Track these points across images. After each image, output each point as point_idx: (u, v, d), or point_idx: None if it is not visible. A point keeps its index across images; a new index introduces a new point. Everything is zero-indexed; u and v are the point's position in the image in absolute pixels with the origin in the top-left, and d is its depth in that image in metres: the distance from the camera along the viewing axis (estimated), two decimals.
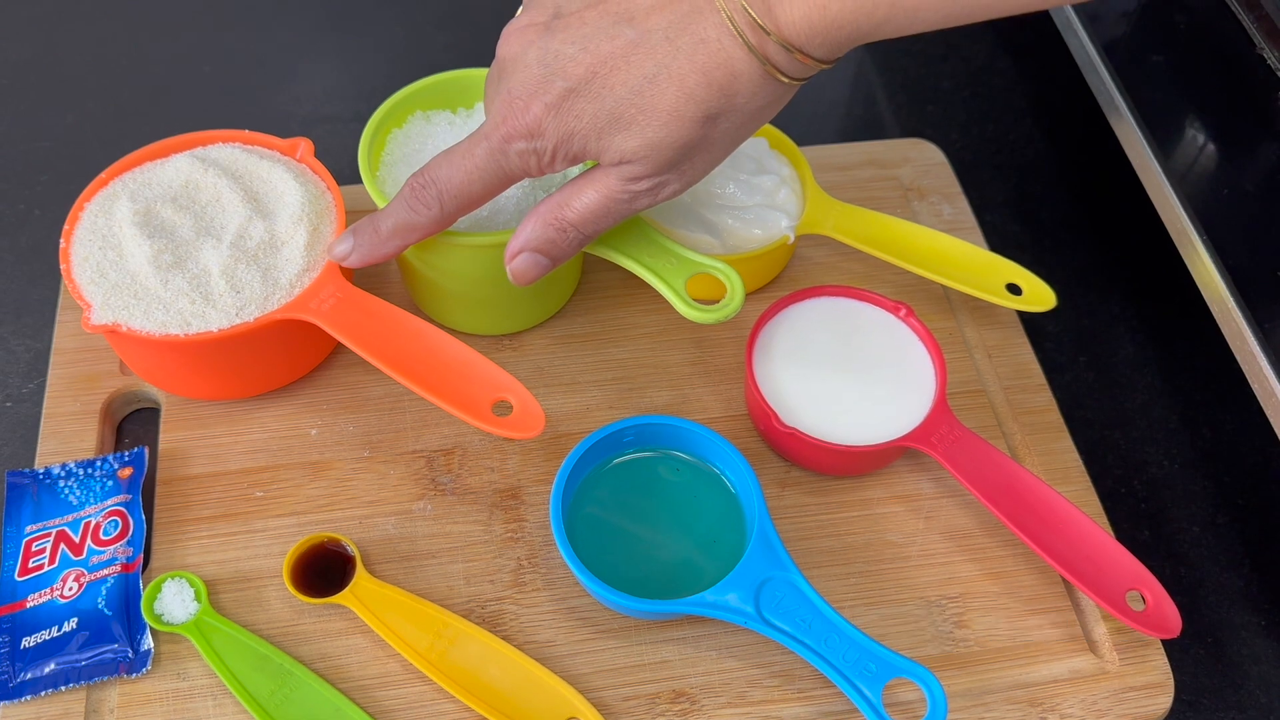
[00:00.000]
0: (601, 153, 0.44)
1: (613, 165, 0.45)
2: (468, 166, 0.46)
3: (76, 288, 0.51)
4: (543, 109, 0.44)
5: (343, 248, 0.51)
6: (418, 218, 0.48)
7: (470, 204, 0.48)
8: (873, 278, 0.62)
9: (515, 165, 0.46)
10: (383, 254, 0.50)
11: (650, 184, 0.45)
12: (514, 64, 0.45)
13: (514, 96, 0.44)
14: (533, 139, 0.44)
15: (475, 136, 0.46)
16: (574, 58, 0.43)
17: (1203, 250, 0.54)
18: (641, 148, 0.43)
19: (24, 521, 0.51)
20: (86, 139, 0.70)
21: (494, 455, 0.55)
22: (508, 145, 0.45)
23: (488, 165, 0.46)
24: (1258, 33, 0.59)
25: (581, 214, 0.46)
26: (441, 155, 0.47)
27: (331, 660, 0.48)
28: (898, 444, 0.52)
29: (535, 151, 0.45)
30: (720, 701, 0.48)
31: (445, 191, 0.47)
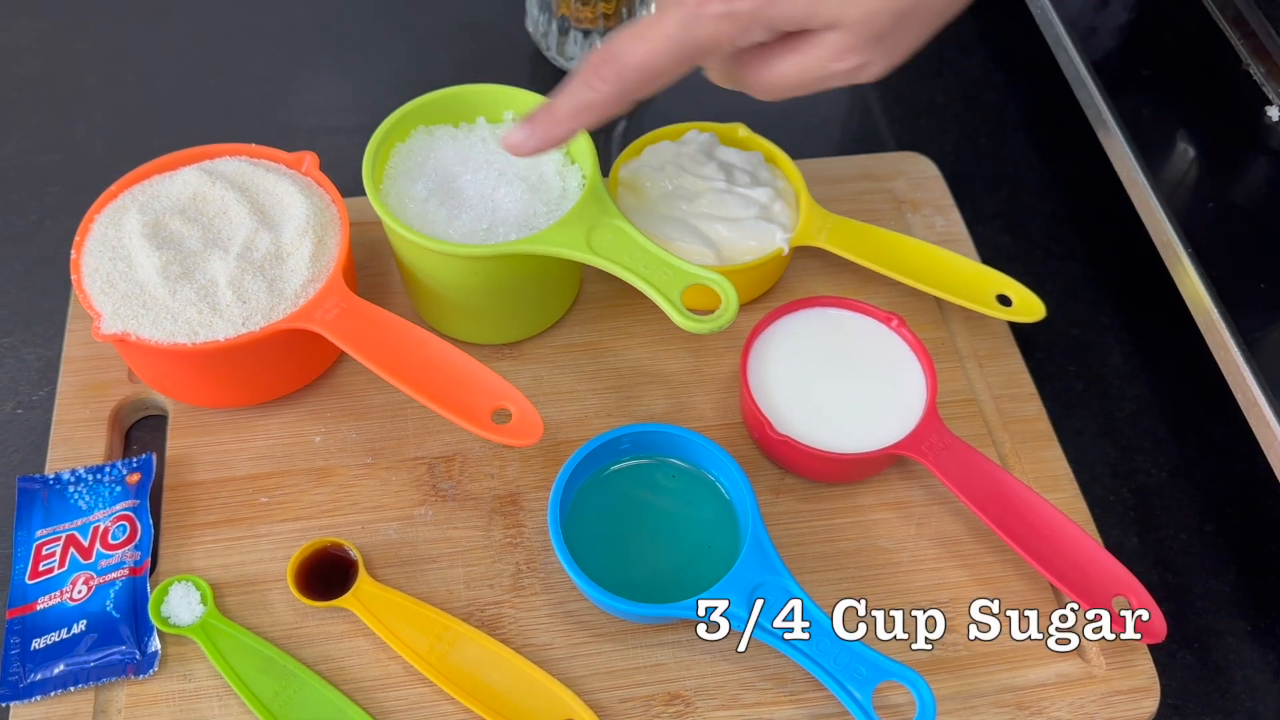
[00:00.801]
0: (810, 18, 0.41)
1: (817, 34, 0.42)
2: (654, 37, 0.43)
3: (87, 297, 0.52)
4: None
5: (519, 134, 0.48)
6: (595, 95, 0.45)
7: (653, 80, 0.44)
8: (866, 289, 0.63)
9: (707, 34, 0.42)
10: (558, 136, 0.47)
11: (854, 62, 0.42)
12: None
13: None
14: (732, 1, 0.41)
15: (665, 5, 0.43)
16: None
17: (1188, 263, 0.55)
18: (855, 12, 0.41)
19: (34, 526, 0.52)
20: (95, 151, 0.71)
21: (494, 462, 0.56)
22: (702, 9, 0.42)
23: (677, 35, 0.42)
24: (1244, 49, 0.60)
25: (776, 82, 0.44)
26: (625, 28, 0.44)
27: (334, 662, 0.49)
28: (889, 452, 0.53)
29: (732, 15, 0.41)
30: (714, 704, 0.49)
31: (628, 65, 0.44)
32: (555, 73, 0.77)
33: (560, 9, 0.73)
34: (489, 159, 0.57)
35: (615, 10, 0.72)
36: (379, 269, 0.63)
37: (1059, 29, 0.67)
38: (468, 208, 0.55)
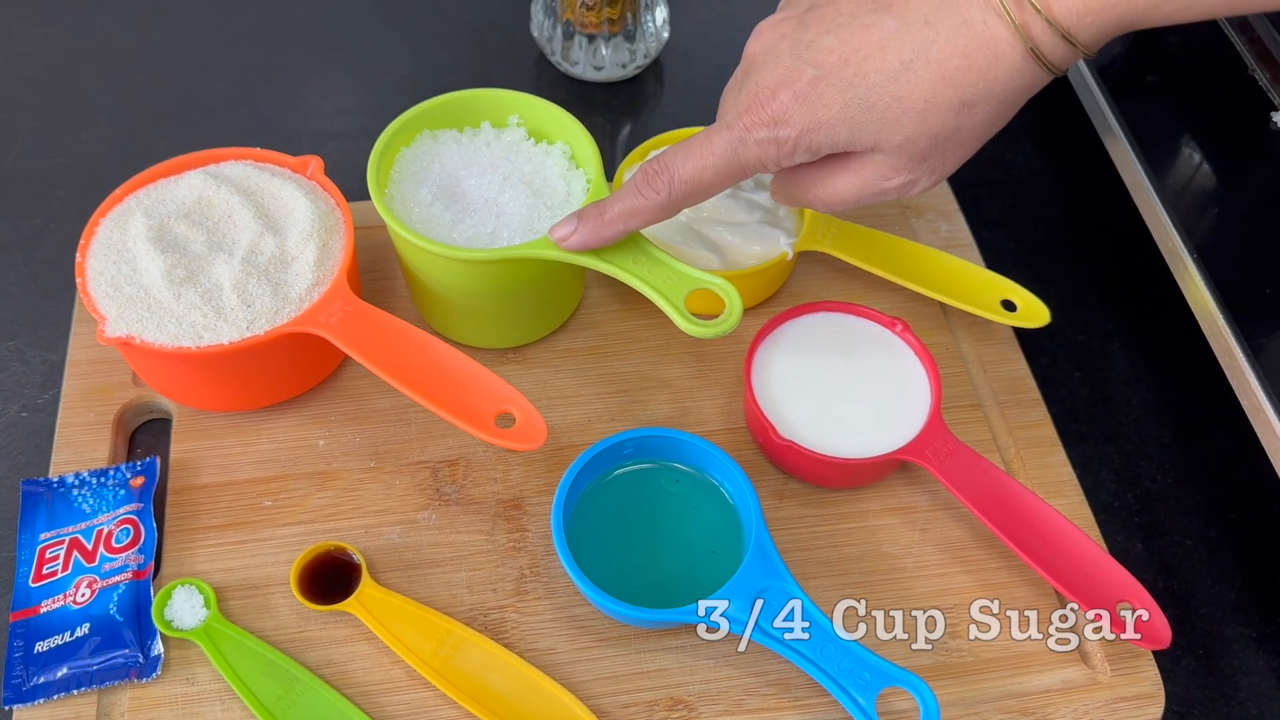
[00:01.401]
0: (850, 144, 0.44)
1: (863, 155, 0.45)
2: (703, 154, 0.46)
3: (92, 301, 0.52)
4: (791, 97, 0.44)
5: (565, 229, 0.51)
6: (645, 202, 0.48)
7: (699, 193, 0.48)
8: (870, 294, 0.63)
9: (752, 156, 0.46)
10: (604, 237, 0.50)
11: (902, 180, 0.45)
12: (764, 57, 0.45)
13: (761, 87, 0.44)
14: (776, 127, 0.44)
15: (715, 126, 0.47)
16: (828, 46, 0.43)
17: (1193, 269, 0.55)
18: (894, 138, 0.43)
19: (38, 529, 0.52)
20: (101, 155, 0.71)
21: (497, 466, 0.56)
22: (748, 134, 0.45)
23: (724, 154, 0.46)
24: (1249, 55, 0.60)
25: (833, 198, 0.47)
26: (678, 144, 0.48)
27: (337, 666, 0.49)
28: (893, 457, 0.53)
29: (776, 141, 0.45)
30: (717, 709, 0.49)
31: (677, 178, 0.47)
32: (560, 77, 0.77)
33: (565, 14, 0.73)
34: (493, 163, 0.57)
35: (620, 15, 0.72)
36: (383, 273, 0.63)
37: None
38: (472, 212, 0.55)
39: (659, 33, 0.76)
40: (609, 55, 0.74)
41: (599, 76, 0.76)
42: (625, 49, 0.74)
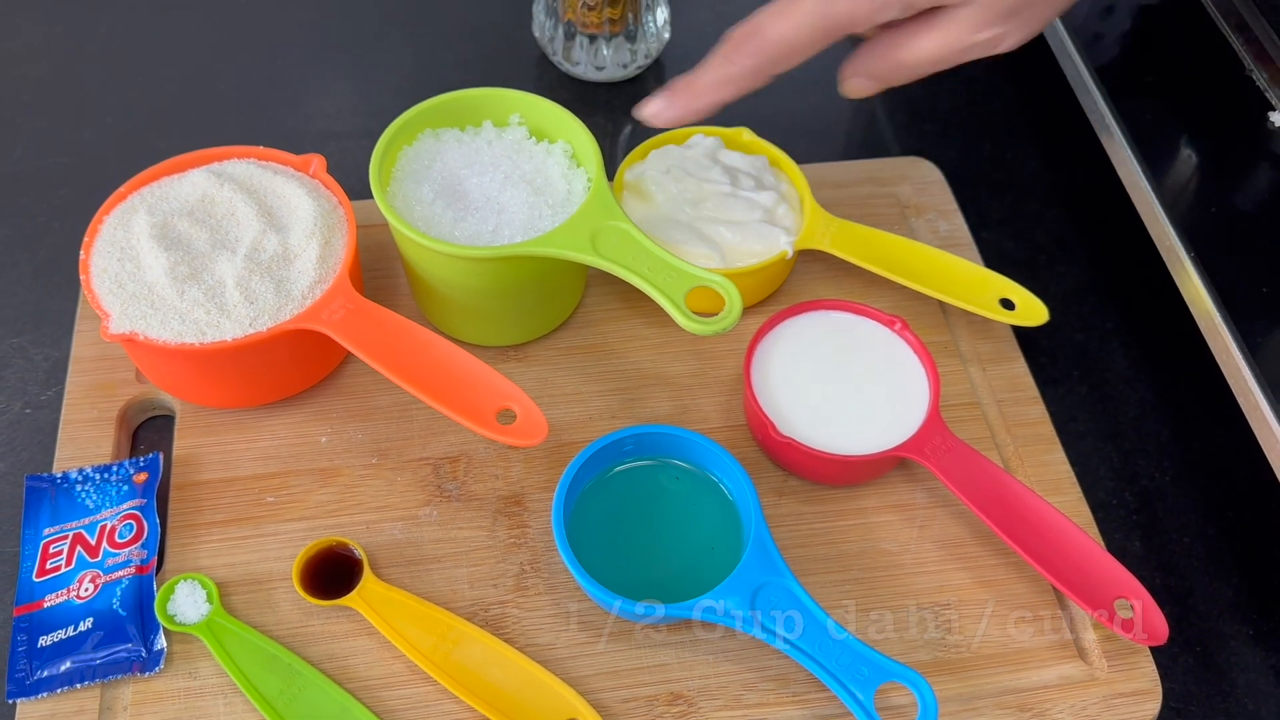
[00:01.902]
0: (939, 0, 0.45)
1: (951, 10, 0.45)
2: (794, 13, 0.46)
3: (95, 298, 0.52)
4: None
5: (657, 105, 0.50)
6: (736, 68, 0.48)
7: (791, 56, 0.47)
8: (869, 293, 0.63)
9: (843, 11, 0.45)
10: (697, 109, 0.50)
11: (991, 34, 0.46)
12: None
13: None
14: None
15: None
16: None
17: (1191, 268, 0.55)
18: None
19: (42, 524, 0.53)
20: (104, 154, 0.72)
21: (498, 463, 0.56)
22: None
23: (816, 11, 0.46)
24: (1247, 55, 0.61)
25: (918, 59, 0.47)
26: (765, 7, 0.47)
27: (339, 661, 0.50)
28: (892, 454, 0.53)
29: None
30: (717, 704, 0.49)
31: (768, 41, 0.47)
32: (561, 78, 0.77)
33: (566, 14, 0.73)
34: (495, 162, 0.57)
35: (621, 15, 0.73)
36: (385, 271, 0.63)
37: (1064, 35, 0.68)
38: (473, 210, 0.56)
39: (660, 33, 0.76)
40: (610, 55, 0.75)
41: (600, 77, 0.76)
42: (626, 49, 0.75)
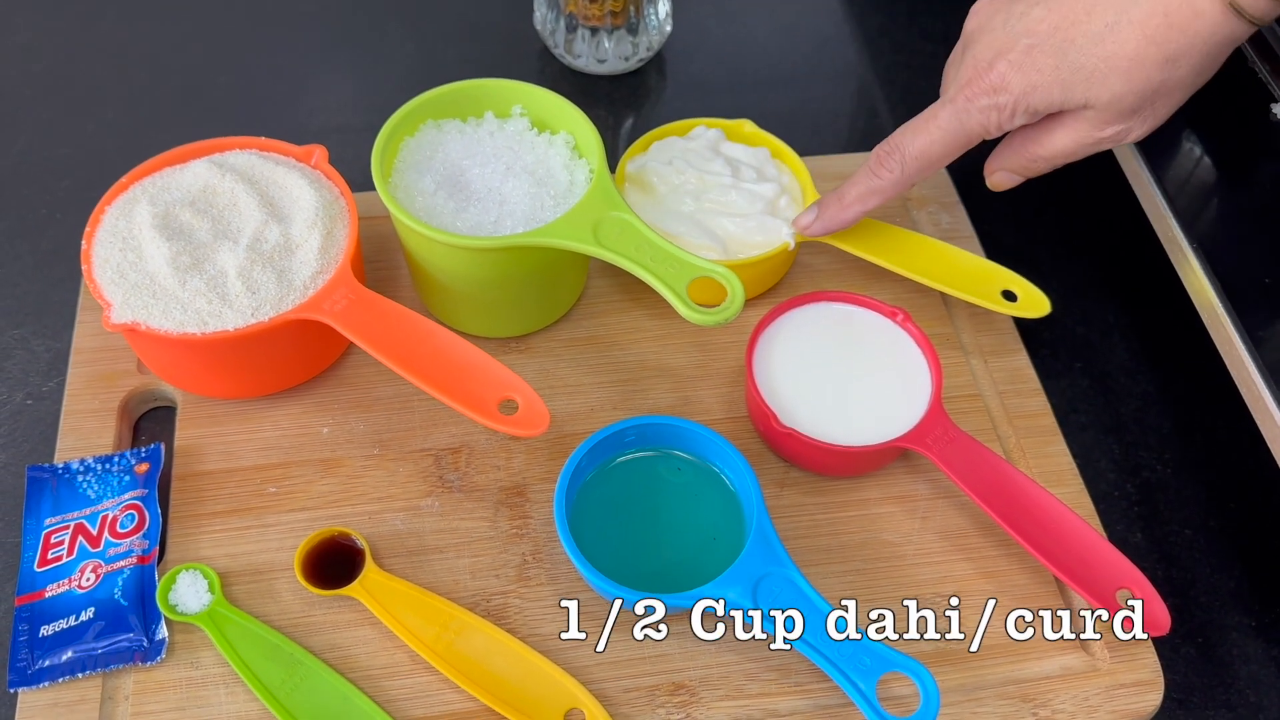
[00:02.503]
0: (1065, 103, 0.48)
1: (1076, 112, 0.49)
2: (930, 129, 0.52)
3: (97, 288, 0.52)
4: (1007, 65, 0.48)
5: (807, 218, 0.58)
6: (880, 181, 0.55)
7: (930, 166, 0.53)
8: (871, 285, 0.63)
9: (976, 123, 0.50)
10: (844, 220, 0.57)
11: (1115, 130, 0.49)
12: (979, 32, 0.50)
13: (979, 59, 0.49)
14: (996, 94, 0.49)
15: (939, 102, 0.52)
16: (1037, 16, 0.48)
17: (1193, 259, 0.55)
18: (1104, 95, 0.47)
19: (43, 514, 0.53)
20: (106, 146, 0.72)
21: (500, 454, 0.56)
22: (971, 104, 0.50)
23: (951, 125, 0.51)
24: (1249, 48, 0.61)
25: (1052, 154, 0.51)
26: (905, 125, 0.53)
27: (341, 650, 0.50)
28: (894, 445, 0.53)
29: (997, 107, 0.49)
30: (719, 694, 0.49)
31: (908, 155, 0.53)
32: (562, 70, 0.77)
33: (568, 7, 0.73)
34: (497, 153, 0.57)
35: (622, 8, 0.73)
36: (387, 263, 0.63)
37: None
38: (475, 201, 0.56)
39: (661, 26, 0.76)
40: (611, 48, 0.75)
41: (601, 69, 0.76)
42: (628, 42, 0.75)
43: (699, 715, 0.49)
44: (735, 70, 0.79)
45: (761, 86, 0.78)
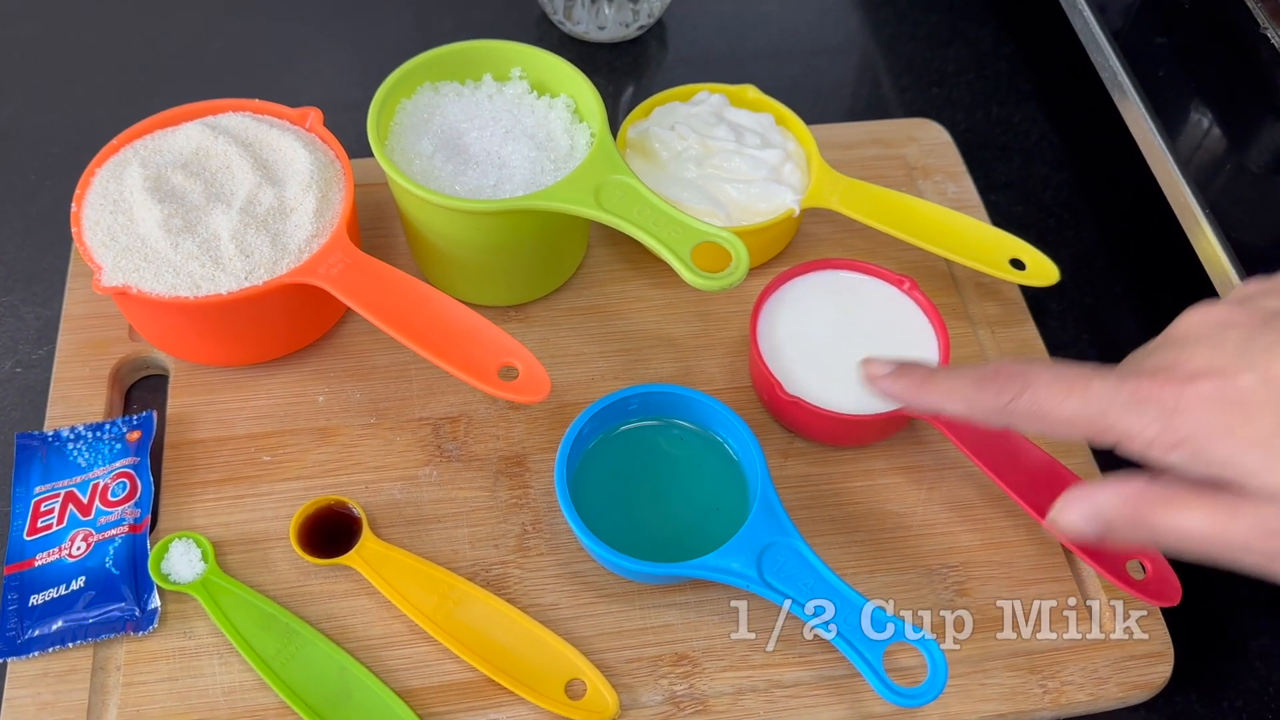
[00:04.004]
0: (1251, 477, 0.35)
1: (1250, 497, 0.35)
2: (1073, 388, 0.39)
3: (87, 250, 0.51)
4: (1212, 389, 0.36)
5: (883, 369, 0.46)
6: (980, 396, 0.42)
7: (1042, 422, 0.40)
8: (877, 254, 0.62)
9: (1123, 424, 0.37)
10: (912, 401, 0.46)
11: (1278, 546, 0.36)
12: (1200, 335, 0.38)
13: (1183, 361, 0.37)
14: (1174, 413, 0.36)
15: (1104, 370, 0.39)
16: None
17: (1207, 226, 0.54)
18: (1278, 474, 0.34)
19: (33, 482, 0.51)
20: (96, 112, 0.70)
21: (499, 423, 0.55)
22: (1137, 397, 0.37)
23: (1096, 402, 0.38)
24: (1262, 13, 0.60)
25: (1172, 530, 0.37)
26: (1049, 363, 0.41)
27: (337, 621, 0.49)
28: (901, 414, 0.52)
29: (1164, 425, 0.36)
30: (721, 665, 0.48)
31: (1029, 395, 0.40)
32: (562, 38, 0.76)
33: None
34: (496, 116, 0.56)
35: None
36: (383, 230, 0.62)
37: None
38: (474, 164, 0.54)
39: None
40: (612, 15, 0.73)
41: (602, 37, 0.75)
42: (628, 9, 0.73)
43: (702, 686, 0.48)
44: (737, 38, 0.78)
45: (763, 55, 0.77)
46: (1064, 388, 0.39)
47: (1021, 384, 0.40)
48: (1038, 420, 0.40)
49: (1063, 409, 0.39)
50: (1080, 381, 0.39)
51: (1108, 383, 0.38)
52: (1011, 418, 0.41)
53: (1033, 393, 0.40)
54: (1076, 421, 0.39)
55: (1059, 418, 0.39)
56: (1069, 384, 0.39)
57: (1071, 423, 0.39)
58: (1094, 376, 0.39)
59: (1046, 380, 0.40)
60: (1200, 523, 0.36)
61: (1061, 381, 0.39)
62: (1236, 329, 0.37)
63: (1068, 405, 0.39)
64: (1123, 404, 0.37)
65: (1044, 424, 0.40)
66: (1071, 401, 0.39)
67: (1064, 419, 0.39)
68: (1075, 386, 0.39)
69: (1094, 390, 0.38)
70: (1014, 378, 0.40)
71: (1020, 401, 0.40)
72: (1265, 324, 0.37)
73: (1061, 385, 0.39)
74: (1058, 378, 0.40)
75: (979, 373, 0.42)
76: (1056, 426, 0.40)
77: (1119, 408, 0.37)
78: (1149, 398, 0.37)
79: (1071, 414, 0.39)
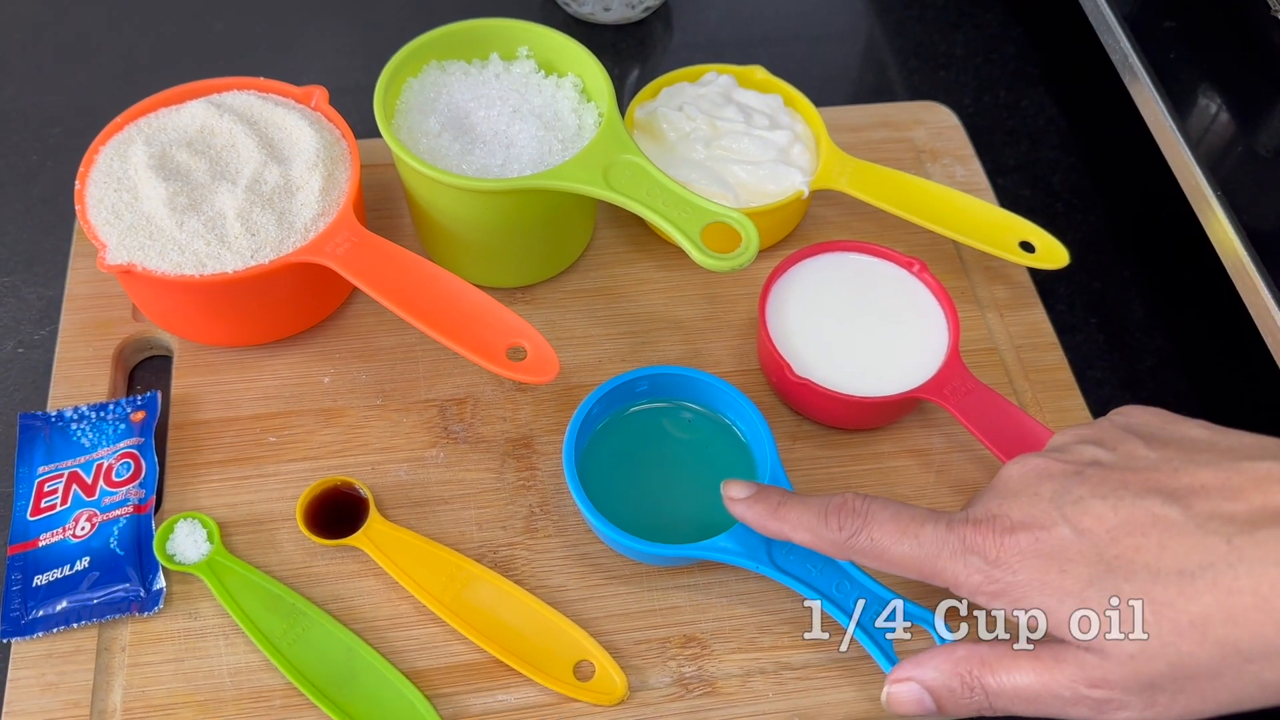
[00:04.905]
0: (1062, 629, 0.36)
1: (1074, 649, 0.37)
2: (906, 530, 0.40)
3: (91, 228, 0.51)
4: (1029, 542, 0.37)
5: (742, 491, 0.45)
6: (824, 530, 0.42)
7: (878, 560, 0.41)
8: (886, 236, 0.62)
9: (950, 571, 0.39)
10: (764, 526, 0.44)
11: (1104, 697, 0.36)
12: (1020, 487, 0.39)
13: (1002, 515, 0.38)
14: (995, 565, 0.38)
15: (940, 514, 0.40)
16: (1097, 512, 0.36)
17: (1219, 209, 0.54)
18: (1130, 645, 0.35)
19: (36, 463, 0.51)
20: (98, 93, 0.70)
21: (506, 405, 0.55)
22: (962, 547, 0.38)
23: (926, 546, 0.39)
24: None
25: (1004, 690, 0.38)
26: (888, 503, 0.41)
27: (344, 602, 0.48)
28: (912, 395, 0.52)
29: (986, 575, 0.38)
30: (731, 646, 0.48)
31: (867, 533, 0.41)
32: (567, 19, 0.75)
33: None
34: (503, 95, 0.56)
35: None
36: (389, 211, 0.62)
37: None
38: (481, 144, 0.54)
39: None
40: None
41: (607, 18, 0.74)
42: None
43: (710, 668, 0.48)
44: (742, 20, 0.77)
45: (769, 37, 0.77)
46: (898, 530, 0.40)
47: (862, 522, 0.41)
48: (875, 558, 0.41)
49: (897, 549, 0.40)
50: (914, 525, 0.40)
51: (939, 529, 0.39)
52: (851, 553, 0.42)
53: (869, 532, 0.41)
54: (909, 563, 0.40)
55: (893, 558, 0.40)
56: (903, 526, 0.40)
57: (905, 564, 0.40)
58: (927, 521, 0.40)
59: (884, 520, 0.41)
60: (1029, 679, 0.38)
61: (898, 523, 0.40)
62: (1052, 480, 0.39)
63: (901, 547, 0.40)
64: (950, 551, 0.39)
65: (880, 562, 0.41)
66: (905, 543, 0.40)
67: (898, 560, 0.40)
68: (909, 530, 0.40)
69: (925, 535, 0.40)
70: (855, 515, 0.41)
71: (859, 539, 0.41)
72: (1078, 475, 0.38)
73: (896, 527, 0.40)
74: (894, 518, 0.41)
75: (825, 506, 0.42)
76: (892, 565, 0.41)
77: (947, 554, 0.39)
78: (973, 548, 0.38)
79: (904, 555, 0.40)
